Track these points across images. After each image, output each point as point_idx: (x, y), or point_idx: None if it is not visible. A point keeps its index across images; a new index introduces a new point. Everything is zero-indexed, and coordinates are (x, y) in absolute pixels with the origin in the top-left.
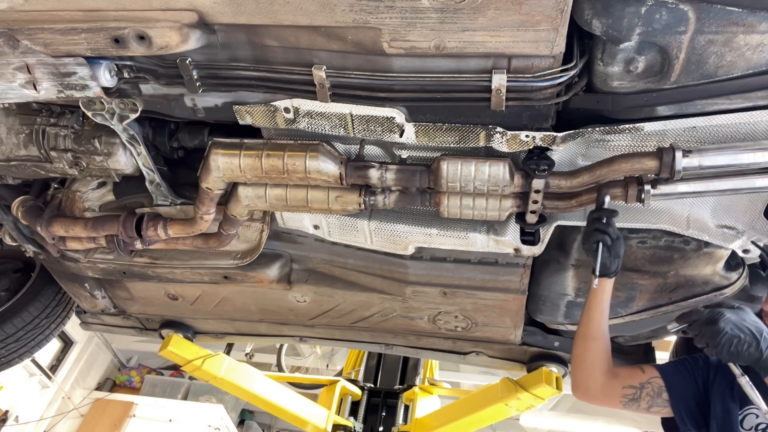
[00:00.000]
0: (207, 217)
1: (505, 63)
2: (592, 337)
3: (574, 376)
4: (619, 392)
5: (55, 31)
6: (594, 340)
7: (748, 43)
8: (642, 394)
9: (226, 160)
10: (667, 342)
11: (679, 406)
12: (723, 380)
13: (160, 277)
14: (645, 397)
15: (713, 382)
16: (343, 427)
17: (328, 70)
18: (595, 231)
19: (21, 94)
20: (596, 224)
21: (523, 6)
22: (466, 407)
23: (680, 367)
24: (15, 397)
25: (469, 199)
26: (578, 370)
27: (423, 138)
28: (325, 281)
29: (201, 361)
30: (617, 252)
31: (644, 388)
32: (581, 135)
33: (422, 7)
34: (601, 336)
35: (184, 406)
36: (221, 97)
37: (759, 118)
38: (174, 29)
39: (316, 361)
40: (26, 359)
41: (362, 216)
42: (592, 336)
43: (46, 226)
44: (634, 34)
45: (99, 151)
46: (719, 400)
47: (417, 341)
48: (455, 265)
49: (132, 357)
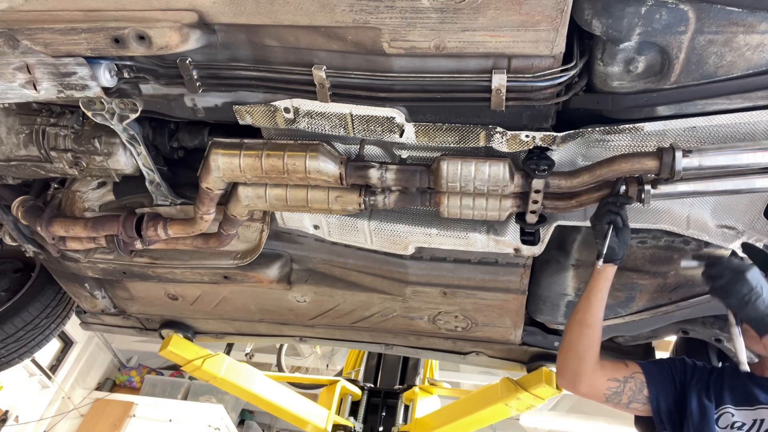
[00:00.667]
0: (207, 217)
1: (505, 63)
2: (588, 324)
3: (563, 362)
4: (604, 384)
5: (55, 31)
6: (590, 327)
7: (748, 43)
8: (625, 388)
9: (226, 160)
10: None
11: (659, 402)
12: (700, 380)
13: (160, 277)
14: (627, 391)
15: (690, 382)
16: (343, 427)
17: (328, 70)
18: (608, 212)
19: (21, 94)
20: (609, 206)
21: (523, 6)
22: (466, 407)
23: (660, 366)
24: (15, 397)
25: (469, 199)
26: (569, 356)
27: (423, 138)
28: (325, 281)
29: (201, 361)
30: (625, 239)
31: (627, 383)
32: (581, 135)
33: (422, 7)
34: (596, 324)
35: (184, 406)
36: (221, 97)
37: (759, 118)
38: (174, 29)
39: (316, 361)
40: (26, 359)
41: (362, 216)
42: (588, 323)
43: (46, 226)
44: (634, 34)
45: (99, 151)
46: (695, 400)
47: (417, 341)
48: (455, 265)
49: (132, 357)
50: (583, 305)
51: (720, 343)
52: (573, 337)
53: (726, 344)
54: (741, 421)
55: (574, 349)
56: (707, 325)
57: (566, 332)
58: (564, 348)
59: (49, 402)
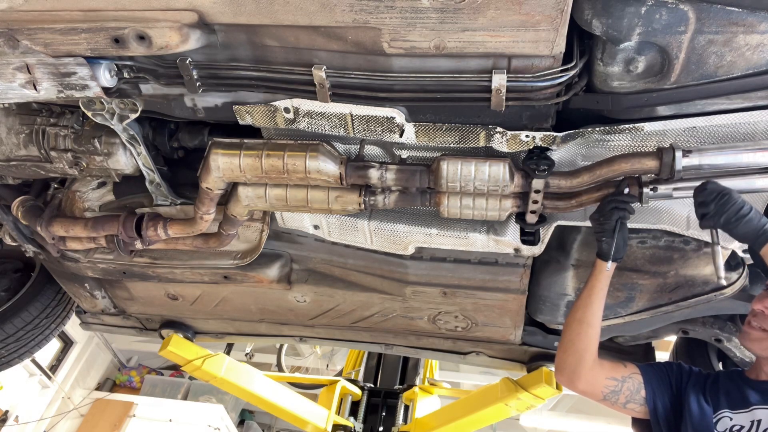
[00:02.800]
0: (207, 217)
1: (505, 63)
2: (588, 322)
3: (562, 359)
4: (602, 382)
5: (55, 31)
6: (589, 325)
7: (748, 43)
8: (623, 388)
9: (226, 160)
10: (667, 342)
11: (656, 404)
12: (696, 384)
13: (160, 277)
14: (625, 391)
15: (686, 387)
16: (343, 427)
17: (328, 70)
18: (615, 209)
19: (21, 94)
20: (616, 203)
21: (523, 6)
22: (466, 407)
23: (657, 369)
24: (15, 397)
25: (469, 199)
26: (568, 353)
27: (423, 138)
28: (325, 281)
29: (201, 361)
30: (625, 237)
31: (625, 382)
32: (581, 135)
33: (422, 7)
34: (596, 322)
35: (184, 406)
36: (221, 97)
37: (759, 118)
38: (174, 29)
39: (316, 361)
40: (26, 359)
41: (362, 216)
42: (587, 321)
43: (46, 226)
44: (634, 34)
45: (99, 151)
46: (694, 401)
47: (417, 341)
48: (455, 265)
49: (132, 357)
50: (582, 303)
51: (720, 343)
52: (572, 335)
53: (726, 344)
54: (739, 424)
55: (573, 346)
56: (707, 325)
57: (565, 330)
58: (563, 345)
59: (49, 402)
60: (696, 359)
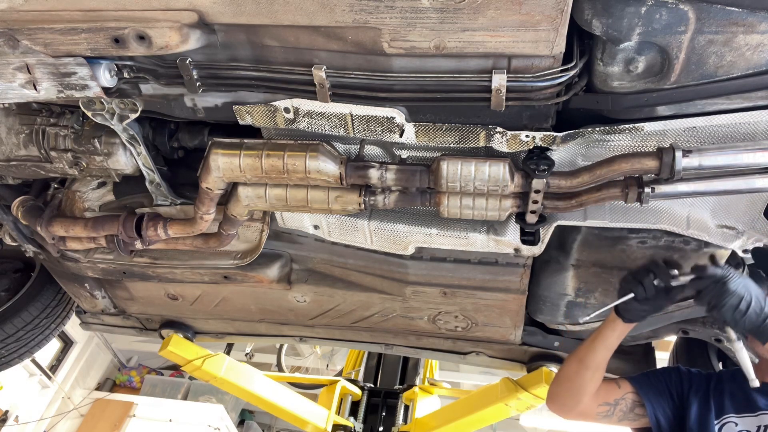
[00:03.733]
0: (207, 217)
1: (505, 63)
2: (587, 366)
3: (555, 391)
4: (594, 410)
5: (55, 31)
6: (588, 368)
7: (748, 43)
8: (615, 410)
9: (226, 160)
10: (667, 342)
11: (657, 417)
12: (698, 389)
13: (160, 277)
14: (618, 412)
15: (688, 393)
16: (343, 427)
17: (328, 70)
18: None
19: (21, 94)
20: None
21: (523, 6)
22: (466, 407)
23: (654, 380)
24: (15, 397)
25: (469, 199)
26: (562, 388)
27: (423, 138)
28: (325, 281)
29: (201, 361)
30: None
31: (618, 404)
32: (581, 135)
33: (422, 7)
34: (596, 367)
35: (184, 406)
36: (221, 97)
37: (759, 118)
38: (174, 29)
39: (316, 361)
40: (26, 359)
41: (362, 216)
42: (587, 364)
43: (46, 226)
44: (634, 34)
45: (99, 151)
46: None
47: (417, 341)
48: (455, 265)
49: (132, 357)
50: (587, 347)
51: (720, 343)
52: (571, 374)
53: (726, 344)
54: (745, 429)
55: (569, 382)
56: (707, 325)
57: (565, 364)
58: (559, 378)
59: (49, 402)
60: (696, 359)
